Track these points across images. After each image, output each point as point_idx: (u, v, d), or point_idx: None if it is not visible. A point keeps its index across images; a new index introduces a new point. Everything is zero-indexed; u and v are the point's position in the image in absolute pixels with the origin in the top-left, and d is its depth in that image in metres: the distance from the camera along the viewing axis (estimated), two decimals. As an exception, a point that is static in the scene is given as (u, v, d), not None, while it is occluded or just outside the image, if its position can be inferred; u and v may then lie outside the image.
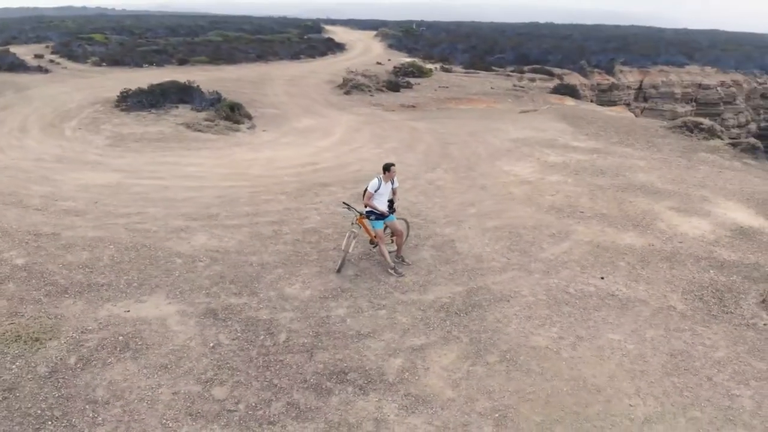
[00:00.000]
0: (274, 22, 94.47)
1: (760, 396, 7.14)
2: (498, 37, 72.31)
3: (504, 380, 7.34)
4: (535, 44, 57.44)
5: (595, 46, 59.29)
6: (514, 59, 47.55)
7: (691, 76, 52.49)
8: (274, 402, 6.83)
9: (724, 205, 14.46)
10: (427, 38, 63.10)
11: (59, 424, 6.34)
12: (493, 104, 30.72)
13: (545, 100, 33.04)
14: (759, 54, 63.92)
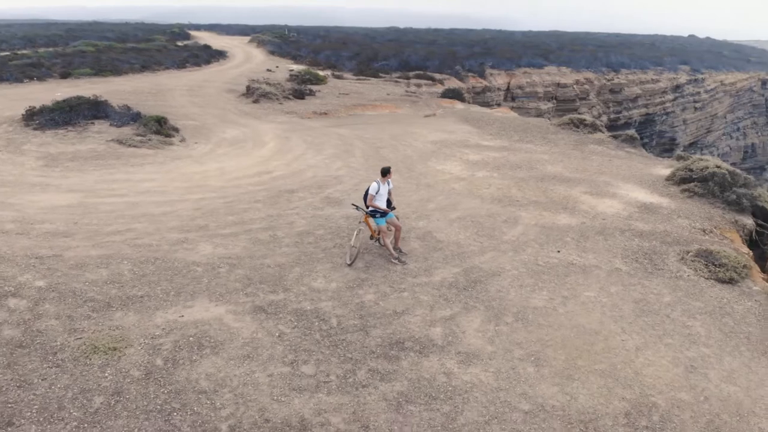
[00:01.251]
0: (135, 29, 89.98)
1: (707, 324, 9.75)
2: (371, 42, 75.24)
3: (526, 334, 9.25)
4: (412, 50, 60.90)
5: (463, 51, 64.15)
6: (398, 66, 50.37)
7: (550, 77, 58.94)
8: (358, 371, 8.15)
9: (624, 187, 17.69)
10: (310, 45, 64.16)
11: (185, 414, 7.18)
12: (395, 110, 32.89)
13: (438, 104, 35.88)
14: (603, 53, 73.03)
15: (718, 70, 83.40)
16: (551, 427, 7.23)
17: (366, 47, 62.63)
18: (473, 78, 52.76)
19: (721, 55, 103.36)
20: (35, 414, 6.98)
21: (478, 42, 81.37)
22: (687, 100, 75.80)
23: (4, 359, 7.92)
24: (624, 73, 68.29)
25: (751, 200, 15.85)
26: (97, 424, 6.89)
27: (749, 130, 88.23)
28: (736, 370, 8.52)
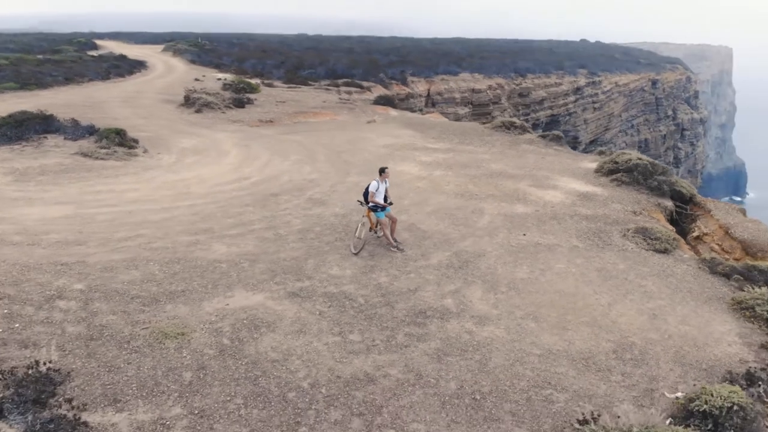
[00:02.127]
0: (38, 39, 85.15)
1: (657, 284, 12.16)
2: (289, 50, 75.92)
3: (520, 299, 11.21)
4: (335, 59, 62.47)
5: (383, 59, 66.53)
6: (326, 74, 51.81)
7: (465, 83, 62.59)
8: (396, 335, 9.73)
9: (562, 180, 20.29)
10: (232, 54, 64.01)
11: (268, 378, 8.46)
12: (334, 117, 34.37)
13: (373, 111, 37.73)
14: (511, 60, 78.04)
15: (612, 72, 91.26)
16: (561, 364, 9.17)
17: (289, 56, 63.48)
18: (397, 85, 55.19)
19: (613, 58, 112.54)
20: (136, 390, 8.01)
21: (390, 50, 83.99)
22: (586, 101, 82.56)
23: (83, 351, 8.80)
24: (530, 77, 73.47)
25: (670, 186, 18.87)
26: (196, 392, 8.04)
27: (642, 127, 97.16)
28: (687, 314, 10.90)
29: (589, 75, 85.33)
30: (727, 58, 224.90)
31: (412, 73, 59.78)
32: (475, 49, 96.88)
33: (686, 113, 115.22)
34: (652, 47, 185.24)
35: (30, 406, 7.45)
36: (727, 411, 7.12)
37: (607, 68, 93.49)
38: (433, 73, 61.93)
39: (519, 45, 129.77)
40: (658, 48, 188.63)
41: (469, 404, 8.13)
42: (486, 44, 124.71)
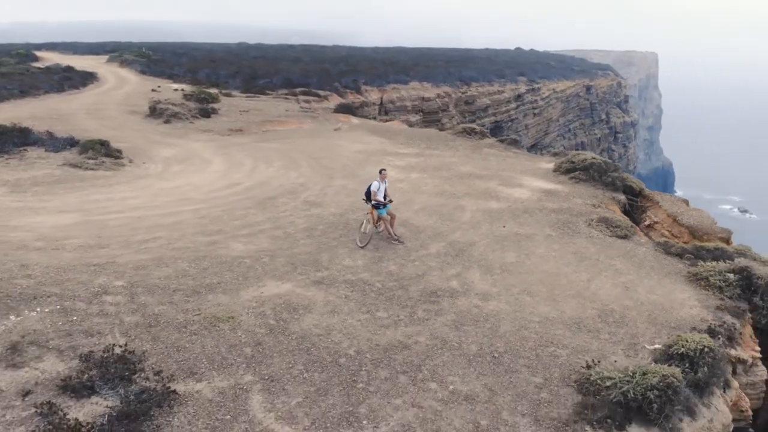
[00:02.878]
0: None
1: (624, 263, 14.20)
2: (238, 60, 76.12)
3: (513, 278, 12.96)
4: (287, 68, 63.43)
5: (334, 69, 67.93)
6: (282, 83, 52.74)
7: (415, 91, 64.85)
8: (416, 312, 11.25)
9: (525, 179, 22.36)
10: (185, 65, 63.79)
11: (318, 348, 9.79)
12: (300, 125, 35.58)
13: (336, 119, 39.14)
14: (455, 68, 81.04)
15: (550, 80, 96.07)
16: (557, 327, 10.93)
17: (241, 66, 63.87)
18: (351, 94, 56.72)
19: (549, 66, 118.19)
20: (208, 364, 9.18)
21: (338, 59, 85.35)
22: (527, 107, 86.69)
23: (147, 336, 9.87)
24: (475, 86, 76.63)
25: (622, 181, 21.25)
26: (261, 363, 9.30)
27: (578, 131, 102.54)
28: (653, 286, 12.95)
29: (528, 82, 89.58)
30: (653, 63, 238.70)
31: (365, 82, 61.46)
32: (420, 58, 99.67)
33: (618, 117, 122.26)
34: (583, 54, 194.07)
35: (117, 381, 8.52)
36: (700, 352, 9.02)
37: (545, 76, 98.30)
38: (385, 82, 63.83)
39: (460, 54, 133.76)
40: (588, 55, 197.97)
41: (490, 361, 9.75)
42: (428, 53, 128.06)
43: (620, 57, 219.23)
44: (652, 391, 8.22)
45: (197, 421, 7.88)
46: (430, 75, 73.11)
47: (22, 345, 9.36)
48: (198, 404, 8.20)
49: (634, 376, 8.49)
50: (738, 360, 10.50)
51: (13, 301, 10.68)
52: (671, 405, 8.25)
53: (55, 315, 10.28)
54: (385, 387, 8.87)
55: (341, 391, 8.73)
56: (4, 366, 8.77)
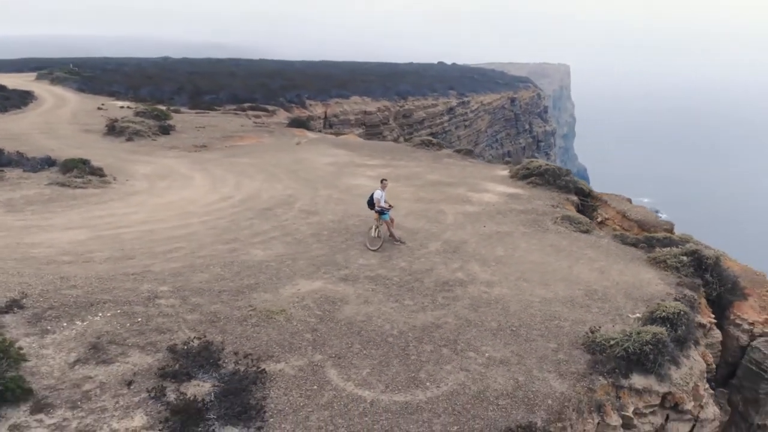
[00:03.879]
0: None
1: (594, 252, 16.62)
2: (173, 75, 75.44)
3: (508, 268, 15.02)
4: (227, 83, 63.81)
5: (273, 84, 68.87)
6: (228, 98, 53.30)
7: (357, 105, 66.93)
8: (437, 299, 13.04)
9: (489, 185, 24.72)
10: (124, 81, 62.69)
11: (366, 331, 11.37)
12: (260, 140, 36.60)
13: (293, 133, 40.41)
14: (392, 83, 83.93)
15: (478, 93, 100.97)
16: (556, 305, 13.05)
17: (185, 82, 63.59)
18: (297, 109, 58.02)
19: (474, 80, 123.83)
20: (279, 349, 10.56)
21: (271, 73, 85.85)
22: (458, 119, 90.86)
23: (214, 330, 11.10)
24: (411, 99, 79.79)
25: (574, 184, 24.01)
26: (323, 344, 10.78)
27: (505, 141, 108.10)
28: (622, 269, 15.40)
29: (458, 96, 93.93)
30: (566, 74, 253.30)
31: (308, 97, 62.87)
32: (353, 73, 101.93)
33: (540, 126, 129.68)
34: (501, 67, 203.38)
35: (208, 367, 9.79)
36: (677, 315, 11.35)
37: (473, 89, 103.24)
38: (327, 96, 65.54)
39: (389, 68, 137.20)
40: (506, 68, 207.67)
41: (510, 333, 11.69)
42: (359, 68, 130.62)
43: (535, 69, 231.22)
44: (647, 345, 10.40)
45: (291, 392, 9.31)
46: (369, 89, 75.49)
47: (101, 344, 10.39)
48: (285, 380, 9.62)
49: (632, 336, 10.66)
50: (699, 325, 12.95)
51: (71, 309, 11.58)
52: (662, 356, 10.47)
53: (119, 318, 11.29)
54: (434, 357, 10.60)
55: (399, 362, 10.38)
56: (94, 363, 9.81)
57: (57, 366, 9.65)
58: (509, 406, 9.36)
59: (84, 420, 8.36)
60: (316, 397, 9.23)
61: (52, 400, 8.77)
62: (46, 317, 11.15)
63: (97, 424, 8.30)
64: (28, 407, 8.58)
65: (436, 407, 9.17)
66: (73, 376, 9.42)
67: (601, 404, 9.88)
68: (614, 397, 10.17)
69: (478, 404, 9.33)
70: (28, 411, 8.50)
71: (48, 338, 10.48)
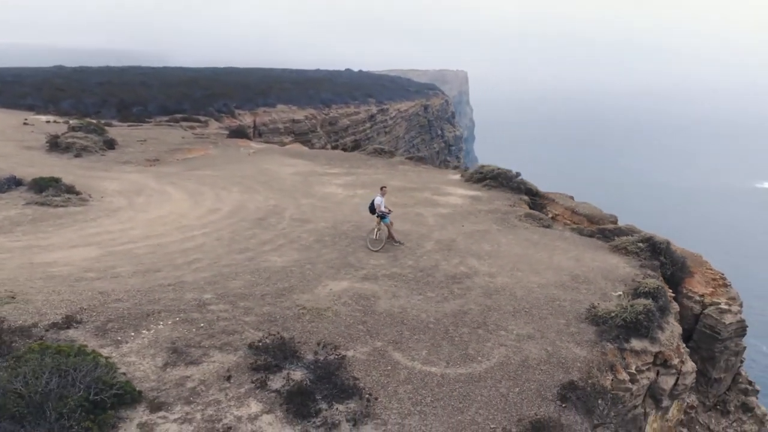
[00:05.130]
0: None
1: (564, 244, 19.16)
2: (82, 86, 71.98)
3: (500, 261, 17.17)
4: (149, 93, 62.27)
5: (197, 93, 67.80)
6: (158, 110, 52.34)
7: (285, 114, 67.50)
8: (453, 290, 14.90)
9: (449, 188, 26.97)
10: (31, 93, 59.33)
11: (407, 319, 13.01)
12: (207, 152, 36.89)
13: (237, 144, 40.88)
14: (314, 91, 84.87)
15: (395, 100, 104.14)
16: (551, 289, 15.30)
17: (104, 94, 61.26)
18: (227, 118, 57.88)
19: (385, 86, 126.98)
20: (342, 339, 11.94)
21: (187, 81, 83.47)
22: (379, 126, 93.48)
23: (278, 328, 12.27)
24: (335, 107, 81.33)
25: (524, 185, 26.76)
26: (377, 333, 12.30)
27: (421, 146, 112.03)
28: (593, 256, 18.01)
29: (377, 103, 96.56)
30: (464, 80, 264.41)
31: (236, 106, 62.75)
32: (264, 80, 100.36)
33: (450, 131, 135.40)
34: (403, 74, 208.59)
35: (291, 359, 11.04)
36: (656, 289, 13.92)
37: (389, 97, 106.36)
38: (254, 105, 65.65)
39: (297, 74, 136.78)
40: (407, 74, 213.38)
41: (525, 314, 13.78)
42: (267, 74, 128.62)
43: (435, 76, 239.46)
44: (641, 315, 12.83)
45: (371, 373, 10.81)
46: (291, 98, 76.13)
47: (180, 348, 11.34)
48: (361, 363, 11.09)
49: (627, 308, 13.06)
50: (662, 297, 15.72)
51: (129, 320, 12.34)
52: (652, 323, 12.95)
53: (183, 324, 12.22)
54: (474, 337, 12.45)
55: (447, 343, 12.14)
56: (183, 364, 10.79)
57: (149, 370, 10.53)
58: (549, 369, 11.40)
59: (206, 411, 9.42)
60: (395, 375, 10.79)
61: (164, 399, 9.71)
62: (109, 329, 11.85)
63: (219, 414, 9.39)
64: (144, 407, 9.47)
65: (495, 375, 11.02)
66: (170, 377, 10.37)
67: (613, 364, 12.16)
68: (620, 358, 12.50)
69: (525, 370, 11.29)
70: (147, 410, 9.42)
71: (124, 347, 11.26)
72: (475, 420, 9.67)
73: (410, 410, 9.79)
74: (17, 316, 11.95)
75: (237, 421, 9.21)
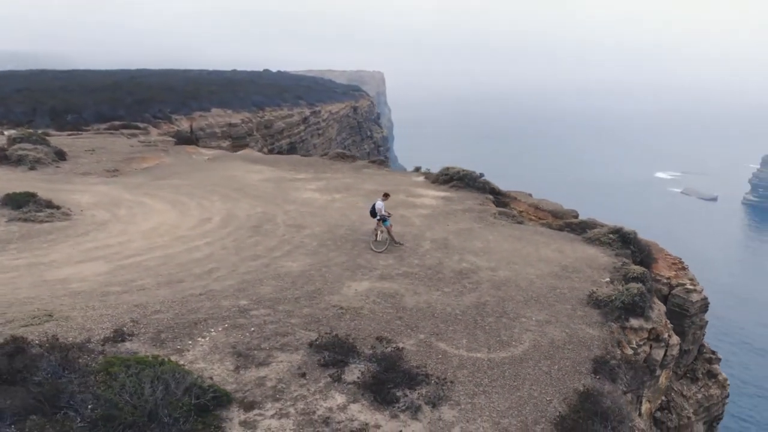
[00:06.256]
0: None
1: (541, 238, 21.06)
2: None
3: (495, 256, 18.79)
4: (82, 100, 59.46)
5: (127, 98, 65.38)
6: (95, 117, 50.35)
7: (221, 118, 66.51)
8: (465, 285, 16.31)
9: (420, 190, 28.43)
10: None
11: (437, 312, 14.27)
12: (162, 160, 36.36)
13: (188, 151, 40.43)
14: (245, 93, 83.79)
15: (326, 102, 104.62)
16: (547, 278, 17.06)
17: (33, 101, 57.71)
18: (165, 124, 56.55)
19: (311, 88, 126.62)
20: (387, 333, 13.02)
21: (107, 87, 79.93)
22: (312, 128, 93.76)
23: (324, 328, 13.17)
24: (268, 110, 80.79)
25: (488, 185, 28.68)
26: (416, 326, 13.48)
27: (352, 147, 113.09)
28: (573, 248, 20.02)
29: (308, 105, 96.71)
30: (381, 81, 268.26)
31: (171, 111, 61.30)
32: (187, 82, 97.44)
33: (378, 132, 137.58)
34: (319, 74, 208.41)
35: (351, 354, 12.02)
36: (642, 273, 15.97)
37: (320, 99, 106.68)
38: (189, 109, 64.34)
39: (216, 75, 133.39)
40: (325, 74, 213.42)
41: (535, 301, 15.42)
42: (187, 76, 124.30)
43: (353, 76, 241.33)
44: (636, 297, 14.79)
45: (427, 361, 11.99)
46: (225, 101, 75.00)
47: (243, 352, 12.04)
48: (413, 354, 12.24)
49: (623, 292, 15.00)
50: (638, 281, 17.88)
51: (179, 329, 12.83)
52: (645, 303, 14.95)
53: (234, 330, 12.87)
54: (501, 325, 13.92)
55: (481, 330, 13.53)
56: (254, 366, 11.54)
57: (224, 373, 11.19)
58: (575, 348, 13.06)
59: (297, 406, 10.27)
60: (448, 362, 12.04)
61: (251, 398, 10.47)
62: (165, 339, 12.33)
63: (310, 407, 10.27)
64: (237, 407, 10.18)
65: (533, 356, 12.53)
66: (247, 378, 11.10)
67: (620, 341, 14.02)
68: (624, 335, 14.39)
69: (556, 350, 12.88)
70: (241, 410, 10.14)
71: (188, 355, 11.81)
72: (531, 395, 11.11)
73: (475, 391, 11.09)
74: (65, 333, 12.15)
75: (329, 412, 10.12)
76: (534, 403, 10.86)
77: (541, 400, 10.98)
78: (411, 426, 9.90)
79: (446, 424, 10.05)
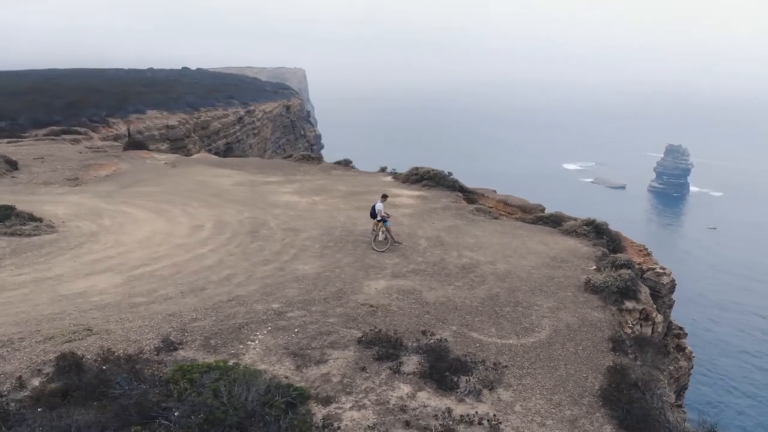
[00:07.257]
0: None
1: (525, 232, 22.71)
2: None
3: (489, 251, 20.17)
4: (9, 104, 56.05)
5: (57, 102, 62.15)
6: (30, 123, 47.77)
7: (159, 120, 64.54)
8: (472, 278, 17.56)
9: (393, 190, 29.44)
10: None
11: (456, 306, 15.43)
12: (119, 166, 35.45)
13: (141, 156, 39.46)
14: (176, 94, 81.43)
15: (258, 101, 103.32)
16: (542, 269, 18.61)
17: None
18: (104, 128, 54.44)
19: (240, 87, 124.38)
20: (421, 326, 14.04)
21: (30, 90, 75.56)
22: (248, 128, 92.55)
23: (363, 324, 14.00)
24: (203, 111, 79.11)
25: (456, 183, 30.14)
26: (445, 318, 14.54)
27: (287, 146, 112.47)
28: (554, 240, 21.72)
29: (242, 105, 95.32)
30: (303, 78, 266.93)
31: (107, 114, 59.00)
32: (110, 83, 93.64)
33: (311, 131, 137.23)
34: (239, 71, 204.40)
35: (398, 347, 12.94)
36: (628, 260, 17.82)
37: (252, 98, 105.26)
38: (125, 112, 62.11)
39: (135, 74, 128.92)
40: (244, 71, 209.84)
41: (540, 291, 16.89)
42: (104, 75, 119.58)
43: (273, 73, 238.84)
44: (627, 282, 16.57)
45: (468, 349, 13.10)
46: (160, 102, 72.82)
47: (296, 352, 12.72)
48: (453, 342, 13.31)
49: (617, 278, 16.75)
50: (617, 267, 19.82)
51: (225, 334, 13.31)
52: (635, 287, 16.77)
53: (279, 332, 13.47)
54: (519, 313, 15.26)
55: (504, 319, 14.81)
56: (313, 364, 12.25)
57: (288, 373, 11.82)
58: (589, 329, 14.60)
59: (369, 397, 11.11)
60: (487, 350, 13.21)
61: (324, 394, 11.19)
62: (216, 345, 12.79)
63: (382, 397, 11.12)
64: (315, 403, 10.88)
65: (558, 339, 13.94)
66: (312, 376, 11.80)
67: (621, 321, 15.73)
68: (622, 316, 16.13)
69: (575, 333, 14.36)
70: (320, 405, 10.85)
71: (245, 358, 12.34)
72: (569, 373, 12.49)
73: (521, 373, 12.33)
74: (113, 346, 12.32)
75: (402, 401, 11.03)
76: (574, 380, 12.23)
77: (578, 377, 12.37)
78: (478, 407, 10.97)
79: (507, 404, 11.21)
